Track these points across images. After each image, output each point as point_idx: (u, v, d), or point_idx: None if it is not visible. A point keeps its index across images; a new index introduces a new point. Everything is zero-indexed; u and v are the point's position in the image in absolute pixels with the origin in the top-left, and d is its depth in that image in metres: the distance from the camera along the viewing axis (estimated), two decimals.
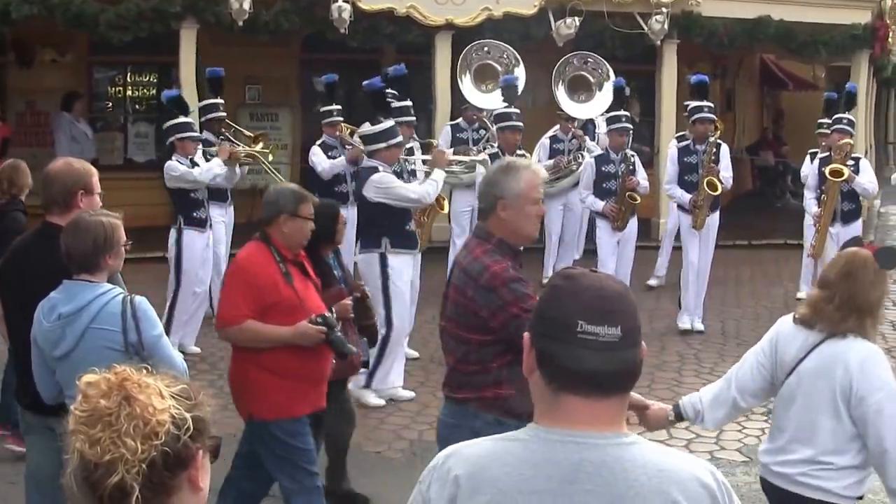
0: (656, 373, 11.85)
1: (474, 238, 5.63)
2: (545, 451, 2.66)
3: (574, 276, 2.76)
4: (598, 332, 2.63)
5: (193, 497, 2.52)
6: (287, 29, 17.80)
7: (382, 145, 10.37)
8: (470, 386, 5.49)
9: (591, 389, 2.66)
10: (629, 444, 2.67)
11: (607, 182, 13.22)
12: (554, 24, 18.20)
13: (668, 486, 2.62)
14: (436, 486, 2.75)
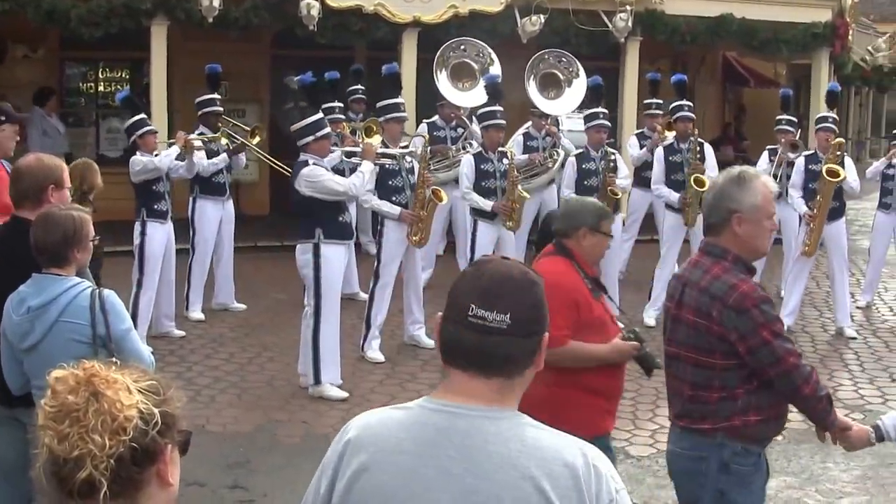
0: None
1: (706, 255, 5.26)
2: (423, 417, 2.84)
3: (482, 263, 2.94)
4: (486, 315, 2.78)
5: (162, 492, 2.56)
6: (257, 25, 17.97)
7: (311, 138, 10.47)
8: (717, 415, 5.17)
9: (470, 367, 2.82)
10: (499, 418, 2.80)
11: (588, 179, 13.40)
12: (519, 22, 18.39)
13: (526, 460, 2.73)
14: (333, 446, 2.95)
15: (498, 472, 2.72)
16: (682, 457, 5.39)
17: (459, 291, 2.87)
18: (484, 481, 2.72)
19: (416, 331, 12.47)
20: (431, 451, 2.76)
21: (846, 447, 5.39)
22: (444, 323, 2.88)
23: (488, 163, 12.93)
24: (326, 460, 2.95)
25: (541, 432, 2.84)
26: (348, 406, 10.29)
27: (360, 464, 2.82)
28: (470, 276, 2.90)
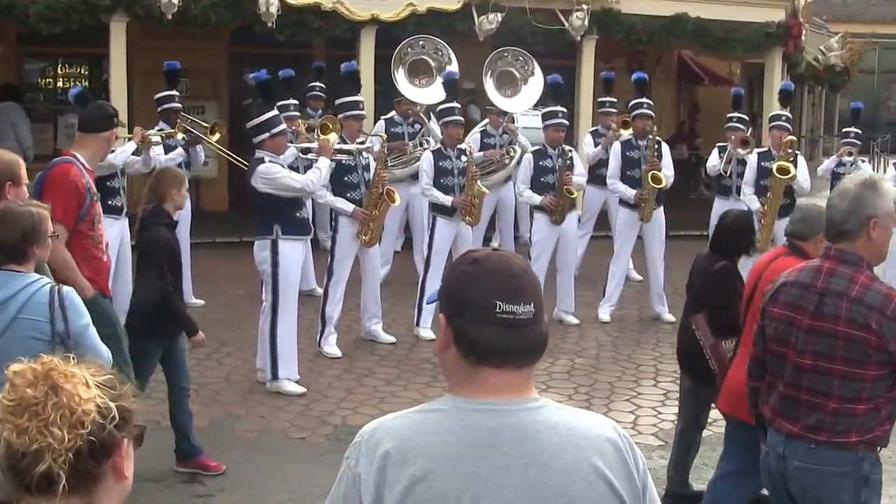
0: (576, 359, 12.25)
1: (841, 263, 5.12)
2: (465, 419, 2.81)
3: (480, 259, 2.90)
4: (515, 310, 2.80)
5: (118, 485, 2.55)
6: (216, 22, 17.94)
7: (266, 135, 10.47)
8: (863, 427, 5.09)
9: (506, 362, 2.82)
10: (539, 407, 2.85)
11: (545, 177, 13.45)
12: (477, 20, 18.48)
13: (576, 442, 2.80)
14: (364, 460, 2.83)
15: (555, 459, 2.78)
16: (820, 473, 5.22)
17: (475, 291, 2.83)
18: (545, 470, 2.77)
19: (373, 326, 12.53)
20: (487, 452, 2.77)
21: None
22: (462, 324, 2.84)
23: (447, 159, 12.99)
24: (359, 476, 2.84)
25: (574, 413, 2.94)
26: (306, 401, 10.32)
27: (411, 475, 2.76)
28: (480, 273, 2.86)
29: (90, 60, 21.44)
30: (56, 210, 6.98)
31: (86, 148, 7.97)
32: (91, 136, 8.01)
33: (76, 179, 7.64)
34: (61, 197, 7.44)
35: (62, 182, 7.61)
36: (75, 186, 7.61)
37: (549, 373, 11.65)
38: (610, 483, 2.80)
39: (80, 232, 7.63)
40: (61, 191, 7.52)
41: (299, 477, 8.42)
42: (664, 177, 13.74)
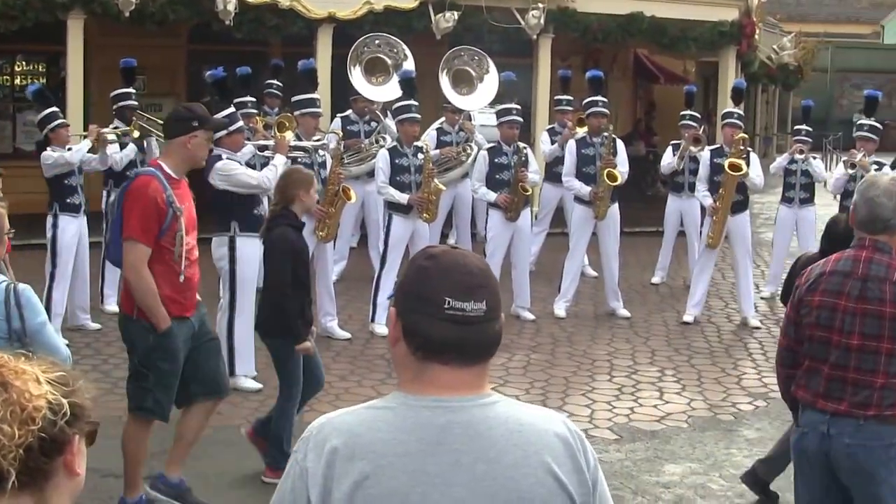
0: (531, 355, 12.35)
1: (879, 252, 5.56)
2: (414, 416, 2.80)
3: (437, 254, 2.88)
4: (464, 307, 2.78)
5: (70, 482, 2.53)
6: (173, 20, 18.03)
7: (223, 132, 10.47)
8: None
9: (455, 359, 2.81)
10: (491, 403, 2.84)
11: (500, 174, 13.55)
12: (433, 18, 18.60)
13: (526, 437, 2.80)
14: (312, 455, 2.81)
15: (505, 454, 2.78)
16: (869, 448, 5.55)
17: (427, 286, 2.82)
18: (495, 466, 2.76)
19: (328, 323, 12.59)
20: (437, 449, 2.77)
21: None
22: (412, 319, 2.84)
23: (403, 157, 13.05)
24: (306, 471, 2.82)
25: (525, 408, 2.94)
26: (262, 397, 10.34)
27: (360, 472, 2.75)
28: (434, 269, 2.85)
29: (48, 58, 21.41)
30: (132, 226, 7.05)
31: (169, 157, 7.61)
32: (171, 143, 7.65)
33: (155, 193, 7.23)
34: (137, 212, 7.18)
35: (139, 196, 7.23)
36: (153, 201, 7.21)
37: (506, 368, 11.76)
38: (559, 479, 2.81)
39: (163, 248, 7.27)
40: (137, 205, 7.20)
41: (255, 472, 8.45)
42: (619, 174, 13.86)
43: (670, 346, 12.98)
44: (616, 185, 13.87)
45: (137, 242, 7.08)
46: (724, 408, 10.66)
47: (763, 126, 37.26)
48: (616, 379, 11.54)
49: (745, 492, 8.44)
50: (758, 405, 10.83)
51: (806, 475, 5.92)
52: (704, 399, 10.93)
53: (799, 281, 5.89)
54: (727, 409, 10.60)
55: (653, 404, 10.69)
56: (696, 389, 11.25)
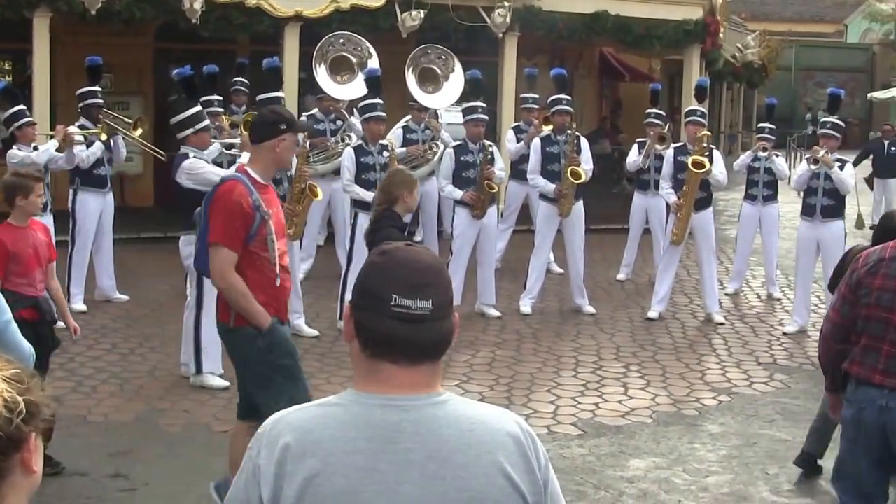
0: (496, 351, 12.41)
1: None
2: (366, 414, 2.79)
3: (389, 251, 2.87)
4: (410, 305, 2.76)
5: (26, 479, 2.50)
6: (140, 18, 17.94)
7: (190, 131, 10.57)
8: None
9: (402, 357, 2.80)
10: (443, 402, 2.83)
11: (466, 171, 13.62)
12: (400, 17, 18.65)
13: (478, 437, 2.80)
14: (265, 451, 2.80)
15: (456, 454, 2.77)
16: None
17: (375, 283, 2.83)
18: (446, 465, 2.76)
19: (295, 320, 12.59)
20: (388, 447, 2.76)
21: None
22: (361, 315, 2.85)
23: (369, 155, 13.10)
24: (259, 468, 2.82)
25: (478, 407, 2.93)
26: (230, 395, 10.25)
27: (310, 469, 2.74)
28: (383, 265, 2.85)
29: (13, 56, 21.32)
30: (217, 232, 6.96)
31: (256, 161, 7.43)
32: (258, 147, 7.42)
33: (240, 198, 7.05)
34: (221, 217, 7.04)
35: (224, 202, 7.09)
36: (239, 206, 7.03)
37: (471, 364, 11.83)
38: (510, 478, 2.80)
39: (253, 254, 7.11)
40: (222, 211, 7.06)
41: (223, 470, 8.33)
42: (583, 171, 13.94)
43: (635, 342, 13.07)
44: (580, 182, 13.94)
45: (222, 247, 6.99)
46: (688, 403, 10.74)
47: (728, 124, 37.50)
48: (581, 375, 11.61)
49: (709, 485, 8.54)
50: (721, 400, 10.92)
51: (861, 447, 6.32)
52: (669, 394, 11.01)
53: (855, 265, 6.32)
54: (691, 405, 10.68)
55: (617, 400, 10.77)
56: (660, 385, 11.33)
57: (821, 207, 13.37)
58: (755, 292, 16.38)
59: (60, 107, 18.08)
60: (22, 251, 8.16)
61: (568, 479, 8.40)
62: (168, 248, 12.25)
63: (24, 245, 8.19)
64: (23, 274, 8.12)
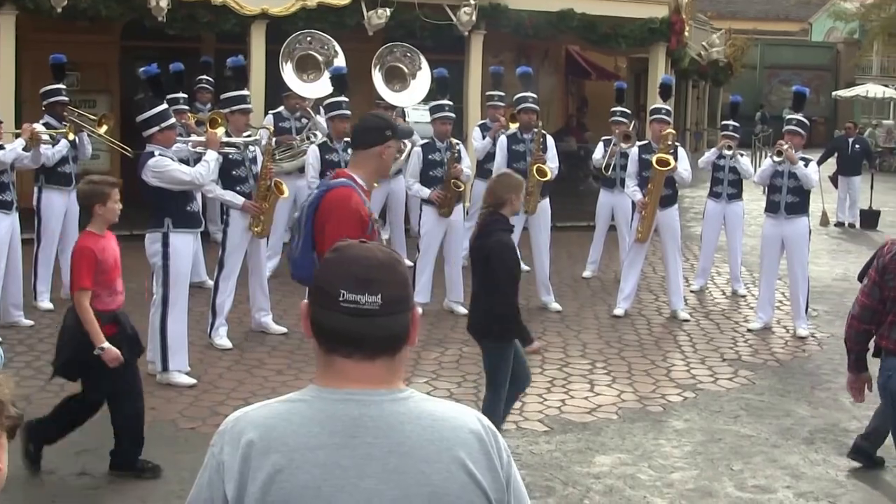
0: (464, 348, 12.37)
1: None
2: (328, 409, 2.81)
3: (342, 248, 2.92)
4: (359, 299, 2.79)
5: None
6: (106, 16, 17.90)
7: (156, 129, 10.52)
8: None
9: (356, 352, 2.82)
10: (404, 398, 2.85)
11: (433, 170, 13.66)
12: (366, 14, 18.65)
13: (439, 433, 2.82)
14: (228, 448, 2.82)
15: (418, 449, 2.78)
16: None
17: (327, 278, 2.85)
18: (407, 460, 2.77)
19: (262, 318, 12.63)
20: (350, 442, 2.78)
21: None
22: (314, 311, 2.88)
23: (334, 153, 13.13)
24: (223, 464, 2.84)
25: (440, 404, 2.95)
26: (196, 392, 10.39)
27: (274, 465, 2.75)
28: (335, 261, 2.88)
29: None
30: (340, 238, 6.83)
31: (361, 167, 7.22)
32: (363, 153, 7.22)
33: (357, 206, 6.99)
34: (343, 224, 6.78)
35: (342, 208, 6.96)
36: (357, 213, 6.97)
37: (439, 362, 11.87)
38: (472, 474, 2.82)
39: None
40: (344, 220, 6.88)
41: (190, 467, 8.31)
42: (549, 169, 14.00)
43: (601, 338, 13.13)
44: (546, 180, 14.01)
45: None
46: (654, 399, 10.80)
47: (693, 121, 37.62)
48: (547, 371, 11.66)
49: (674, 481, 8.60)
50: (686, 396, 10.99)
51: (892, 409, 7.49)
52: (634, 391, 11.07)
53: (881, 252, 7.26)
54: (656, 401, 10.75)
55: (583, 396, 10.82)
56: (626, 381, 11.40)
57: (785, 205, 13.45)
58: (720, 289, 16.48)
59: (26, 105, 18.00)
60: (105, 260, 8.22)
61: (536, 475, 8.46)
62: (134, 247, 12.18)
63: (106, 254, 8.25)
64: (106, 284, 8.19)
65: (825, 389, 11.35)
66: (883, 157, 41.78)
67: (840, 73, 61.29)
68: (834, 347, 13.04)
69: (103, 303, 8.10)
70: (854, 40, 60.70)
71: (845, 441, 9.55)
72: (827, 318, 14.71)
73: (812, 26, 69.05)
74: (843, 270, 18.35)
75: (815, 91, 56.20)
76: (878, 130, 44.77)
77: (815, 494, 8.44)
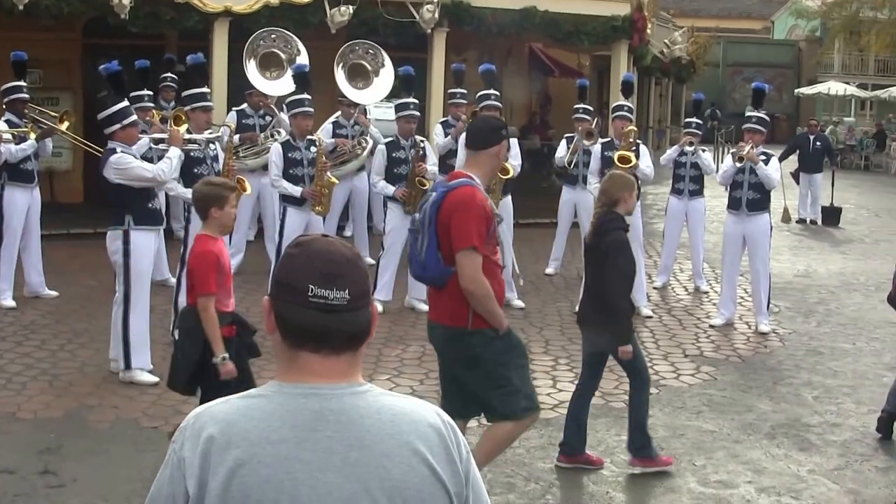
0: (426, 345, 12.23)
1: None
2: (289, 403, 2.82)
3: (305, 243, 2.92)
4: (327, 295, 2.81)
5: None
6: (68, 13, 17.78)
7: (117, 126, 10.49)
8: None
9: (324, 346, 2.85)
10: (364, 392, 2.88)
11: (397, 168, 13.68)
12: (329, 12, 18.66)
13: (399, 427, 2.84)
14: (189, 444, 2.81)
15: (379, 443, 2.80)
16: None
17: (292, 274, 2.86)
18: (368, 453, 2.79)
19: None
20: (311, 436, 2.79)
21: None
22: (279, 306, 2.89)
23: (296, 151, 13.12)
24: (183, 460, 2.83)
25: (398, 398, 2.96)
26: (159, 391, 10.30)
27: (235, 459, 2.76)
28: (300, 257, 2.88)
29: None
30: (471, 236, 6.99)
31: (478, 167, 7.40)
32: (481, 154, 7.40)
33: (483, 203, 7.15)
34: (473, 222, 7.06)
35: (472, 206, 7.10)
36: (484, 210, 7.14)
37: (401, 359, 11.89)
38: (432, 467, 2.84)
39: (484, 257, 7.17)
40: (472, 215, 7.07)
41: (152, 466, 8.29)
42: (511, 167, 14.02)
43: (564, 335, 13.17)
44: (508, 177, 14.03)
45: (476, 252, 7.03)
46: (617, 396, 10.81)
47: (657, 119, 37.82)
48: None
49: (637, 477, 8.66)
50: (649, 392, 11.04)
51: None
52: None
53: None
54: (619, 397, 10.75)
55: (546, 393, 10.84)
56: None
57: (746, 201, 13.53)
58: (683, 286, 16.57)
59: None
60: (224, 264, 8.19)
61: (498, 471, 8.47)
62: (97, 244, 12.17)
63: (224, 258, 8.22)
64: (225, 287, 8.16)
65: (787, 385, 11.43)
66: (844, 154, 42.11)
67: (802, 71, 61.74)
68: (796, 343, 13.15)
69: (224, 304, 8.09)
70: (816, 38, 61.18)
71: (806, 436, 9.63)
72: (788, 314, 14.82)
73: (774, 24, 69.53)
74: (804, 267, 18.50)
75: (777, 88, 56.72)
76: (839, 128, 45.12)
77: (776, 489, 8.50)
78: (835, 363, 12.19)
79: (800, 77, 61.05)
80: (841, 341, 13.21)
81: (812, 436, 9.68)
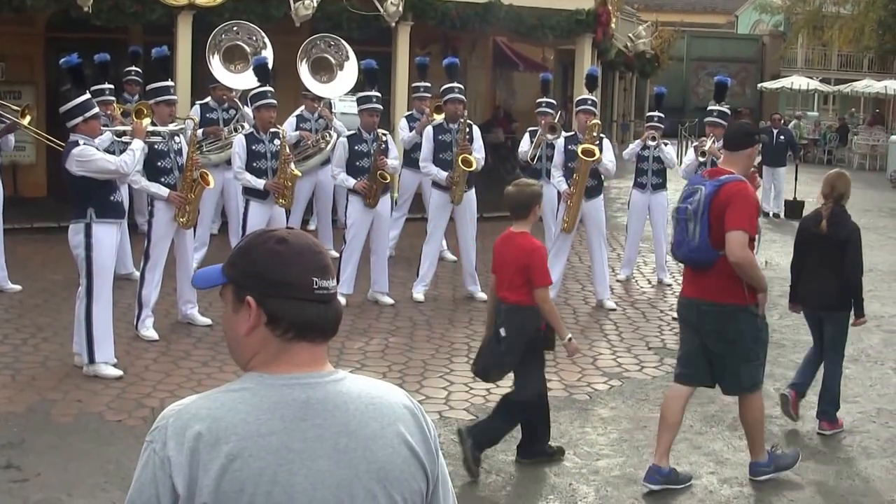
0: (390, 338, 12.48)
1: None
2: (275, 394, 2.83)
3: (287, 238, 2.93)
4: (327, 285, 2.89)
5: None
6: (31, 7, 17.73)
7: (79, 119, 10.45)
8: None
9: (319, 335, 2.92)
10: (341, 379, 2.92)
11: (359, 160, 13.63)
12: (293, 6, 18.62)
13: (379, 410, 2.90)
14: (172, 443, 2.77)
15: (363, 427, 2.85)
16: None
17: (291, 270, 2.88)
18: (355, 438, 2.83)
19: (189, 310, 12.61)
20: (300, 425, 2.81)
21: None
22: (276, 304, 2.88)
23: (260, 143, 13.12)
24: (168, 460, 2.78)
25: (371, 382, 3.01)
26: (123, 384, 10.33)
27: (227, 454, 2.74)
28: (290, 253, 2.90)
29: None
30: (742, 221, 7.81)
31: (735, 166, 8.24)
32: (738, 154, 8.32)
33: (754, 195, 8.33)
34: (748, 209, 7.95)
35: (748, 197, 8.03)
36: (756, 201, 8.34)
37: (364, 352, 11.89)
38: (411, 447, 2.91)
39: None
40: (749, 206, 7.99)
41: (116, 459, 8.41)
42: (475, 160, 14.06)
43: None
44: (471, 170, 14.07)
45: (747, 232, 7.82)
46: (580, 387, 10.88)
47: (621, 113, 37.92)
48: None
49: (600, 468, 8.69)
50: (612, 385, 11.09)
51: None
52: (560, 379, 11.12)
53: None
54: (583, 389, 10.83)
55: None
56: (552, 370, 11.36)
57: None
58: (646, 278, 16.65)
59: None
60: None
61: (460, 463, 8.47)
62: (61, 238, 12.12)
63: None
64: None
65: None
66: (807, 148, 42.34)
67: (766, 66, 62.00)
68: None
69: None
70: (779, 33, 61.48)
71: (768, 427, 9.67)
72: None
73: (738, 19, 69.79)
74: (767, 259, 18.57)
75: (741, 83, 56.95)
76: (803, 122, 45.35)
77: (738, 480, 8.55)
78: (797, 356, 12.23)
79: (763, 72, 61.32)
80: (803, 334, 13.22)
81: (774, 427, 9.75)
